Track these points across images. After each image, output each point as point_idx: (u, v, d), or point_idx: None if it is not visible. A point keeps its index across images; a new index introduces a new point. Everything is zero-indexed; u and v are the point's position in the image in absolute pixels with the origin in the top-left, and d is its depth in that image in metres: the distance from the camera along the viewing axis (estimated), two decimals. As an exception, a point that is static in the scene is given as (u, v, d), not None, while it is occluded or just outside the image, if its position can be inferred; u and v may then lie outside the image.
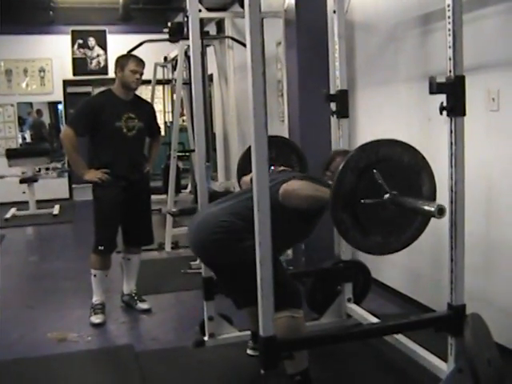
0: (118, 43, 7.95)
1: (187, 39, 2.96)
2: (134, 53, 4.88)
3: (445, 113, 2.18)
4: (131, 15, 7.32)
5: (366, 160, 2.08)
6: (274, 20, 4.68)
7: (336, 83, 3.13)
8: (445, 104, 2.17)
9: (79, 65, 8.93)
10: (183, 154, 6.56)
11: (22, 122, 9.20)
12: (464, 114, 2.18)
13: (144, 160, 3.82)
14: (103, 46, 8.96)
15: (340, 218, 2.07)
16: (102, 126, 3.56)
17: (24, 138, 9.33)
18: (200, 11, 3.44)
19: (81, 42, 8.91)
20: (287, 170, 2.76)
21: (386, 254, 2.32)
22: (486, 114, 2.83)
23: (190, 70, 4.23)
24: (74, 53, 8.91)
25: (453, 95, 2.15)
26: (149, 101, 4.91)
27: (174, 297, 4.15)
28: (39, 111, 9.41)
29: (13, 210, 7.58)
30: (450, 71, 2.16)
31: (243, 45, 5.15)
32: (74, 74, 8.95)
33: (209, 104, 6.49)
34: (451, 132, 2.19)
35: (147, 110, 3.86)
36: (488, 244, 2.91)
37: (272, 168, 2.69)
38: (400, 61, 3.61)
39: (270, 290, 2.01)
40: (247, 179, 2.71)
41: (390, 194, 2.07)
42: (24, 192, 7.74)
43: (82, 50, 8.94)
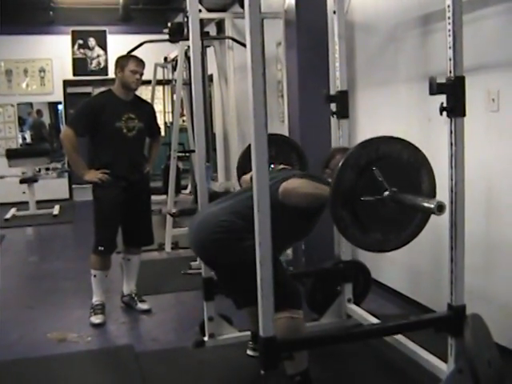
0: (118, 43, 7.95)
1: (187, 40, 2.96)
2: (134, 53, 4.88)
3: (445, 113, 2.18)
4: (131, 15, 7.30)
5: (365, 157, 2.07)
6: (274, 20, 4.69)
7: (336, 84, 3.14)
8: (445, 104, 2.17)
9: (79, 65, 8.93)
10: (183, 154, 6.55)
11: (22, 122, 9.20)
12: (464, 115, 2.18)
13: (144, 160, 3.82)
14: (103, 47, 8.96)
15: (339, 215, 2.06)
16: (102, 126, 3.56)
17: (24, 139, 9.33)
18: (200, 12, 3.45)
19: (81, 42, 8.92)
20: (287, 168, 2.76)
21: (386, 252, 2.32)
22: (485, 114, 2.84)
23: (190, 70, 4.24)
24: (74, 53, 8.91)
25: (453, 96, 2.15)
26: (149, 101, 4.91)
27: (174, 297, 4.14)
28: (39, 111, 9.41)
29: (13, 211, 7.58)
30: (450, 72, 2.16)
31: (243, 45, 5.15)
32: (74, 75, 8.95)
33: (209, 104, 6.49)
34: (451, 132, 2.19)
35: (147, 110, 3.86)
36: (488, 244, 2.91)
37: (272, 166, 2.69)
38: (400, 61, 3.61)
39: (270, 290, 2.01)
40: (247, 178, 2.71)
41: (390, 191, 2.06)
42: (24, 192, 7.74)
43: (82, 50, 8.94)
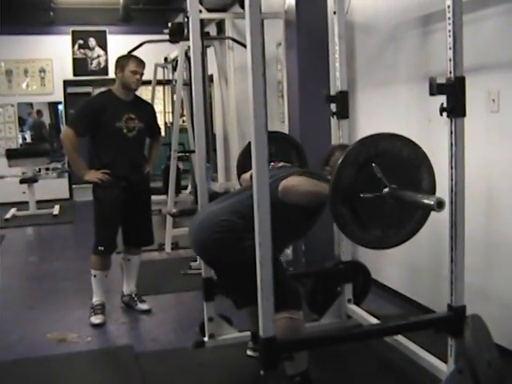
0: (119, 44, 7.95)
1: (187, 40, 2.96)
2: (135, 53, 4.88)
3: (445, 114, 2.18)
4: (131, 16, 7.30)
5: (365, 154, 2.07)
6: (274, 21, 4.68)
7: (336, 84, 3.14)
8: (445, 105, 2.17)
9: (79, 65, 8.94)
10: (183, 154, 6.56)
11: (22, 122, 9.20)
12: (464, 115, 2.18)
13: (144, 161, 3.82)
14: (103, 47, 8.96)
15: (339, 212, 2.06)
16: (103, 126, 3.56)
17: (24, 139, 9.33)
18: (200, 12, 3.45)
19: (81, 42, 8.92)
20: (287, 165, 2.75)
21: (386, 249, 2.32)
22: (486, 115, 2.83)
23: (190, 70, 4.23)
24: (74, 53, 8.92)
25: (453, 96, 2.15)
26: (149, 101, 4.91)
27: (173, 297, 4.14)
28: (39, 111, 9.41)
29: (13, 211, 7.58)
30: (451, 72, 2.16)
31: (243, 46, 5.15)
32: (75, 75, 8.96)
33: (209, 105, 6.49)
34: (451, 133, 2.19)
35: (147, 110, 3.86)
36: (488, 245, 2.91)
37: (272, 164, 2.68)
38: (400, 62, 3.61)
39: (270, 291, 2.01)
40: (247, 177, 2.70)
41: (390, 187, 2.06)
42: (24, 192, 7.74)
43: (82, 50, 8.95)
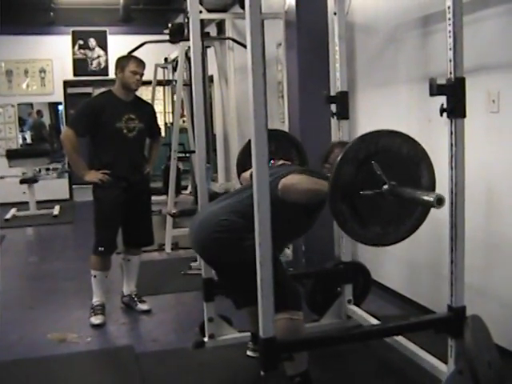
0: (119, 44, 7.96)
1: (188, 40, 2.96)
2: (135, 54, 4.88)
3: (445, 114, 2.18)
4: (132, 16, 7.30)
5: (364, 151, 2.06)
6: (274, 21, 4.69)
7: (336, 85, 3.13)
8: (445, 106, 2.17)
9: (80, 66, 8.94)
10: (183, 154, 6.56)
11: (22, 122, 9.20)
12: (464, 116, 2.18)
13: (144, 161, 3.82)
14: (104, 47, 8.96)
15: (339, 209, 2.05)
16: (103, 126, 3.56)
17: (24, 139, 9.32)
18: (200, 12, 3.45)
19: (81, 42, 8.93)
20: (286, 163, 2.75)
21: (385, 245, 2.31)
22: (486, 115, 2.83)
23: (190, 71, 4.23)
24: (74, 53, 8.92)
25: (453, 97, 2.15)
26: (149, 102, 4.91)
27: (173, 298, 4.14)
28: (39, 112, 9.41)
29: (13, 211, 7.58)
30: (451, 73, 2.15)
31: (244, 46, 5.16)
32: (75, 75, 8.96)
33: (209, 105, 6.49)
34: (451, 133, 2.19)
35: (148, 110, 3.86)
36: (488, 245, 2.91)
37: (271, 162, 2.68)
38: (400, 62, 3.61)
39: (270, 291, 2.01)
40: (247, 175, 2.70)
41: (389, 184, 2.06)
42: (24, 192, 7.74)
43: (82, 50, 8.95)
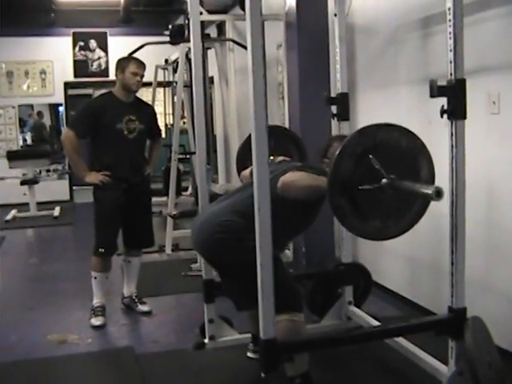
0: (119, 45, 7.97)
1: (188, 42, 2.96)
2: (135, 55, 4.87)
3: (445, 116, 2.18)
4: (132, 17, 7.33)
5: (363, 145, 2.06)
6: (274, 22, 4.69)
7: (337, 86, 3.14)
8: (445, 107, 2.17)
9: (80, 67, 8.95)
10: (184, 156, 6.56)
11: (22, 123, 9.20)
12: (465, 117, 2.18)
13: (145, 162, 3.82)
14: (104, 48, 8.97)
15: (338, 203, 2.05)
16: (103, 128, 3.57)
17: (25, 140, 9.33)
18: (201, 14, 3.46)
19: (82, 44, 8.94)
20: (286, 159, 2.75)
21: (385, 239, 2.31)
22: (486, 116, 2.84)
23: (190, 72, 4.24)
24: (75, 55, 8.93)
25: (453, 98, 2.15)
26: (150, 103, 4.91)
27: (174, 299, 4.14)
28: (40, 113, 9.42)
29: (13, 212, 7.57)
30: (451, 74, 2.16)
31: (244, 47, 5.16)
32: (75, 76, 8.97)
33: (209, 106, 6.49)
34: (452, 135, 2.19)
35: (148, 112, 3.86)
36: (489, 246, 2.91)
37: (271, 158, 2.68)
38: (401, 64, 3.61)
39: (271, 292, 2.01)
40: (247, 173, 2.70)
41: (388, 178, 2.05)
42: (25, 194, 7.73)
43: (83, 52, 8.96)
